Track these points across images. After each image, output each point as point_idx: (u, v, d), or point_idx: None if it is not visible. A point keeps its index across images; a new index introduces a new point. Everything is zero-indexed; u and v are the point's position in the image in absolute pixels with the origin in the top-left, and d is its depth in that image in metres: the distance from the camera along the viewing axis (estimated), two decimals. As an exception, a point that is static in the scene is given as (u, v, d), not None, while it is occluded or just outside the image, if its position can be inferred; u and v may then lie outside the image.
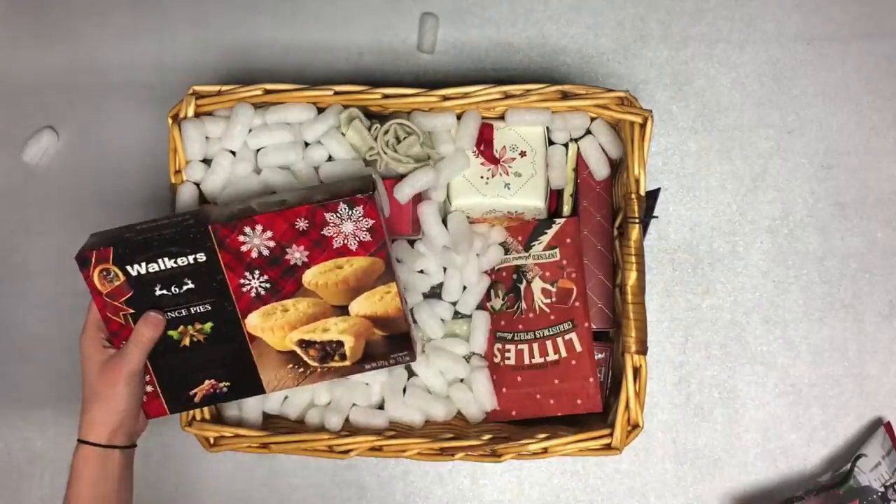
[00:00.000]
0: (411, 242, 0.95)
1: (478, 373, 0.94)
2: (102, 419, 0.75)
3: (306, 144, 0.90)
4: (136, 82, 1.08)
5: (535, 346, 0.93)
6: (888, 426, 1.00)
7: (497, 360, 0.94)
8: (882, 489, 0.95)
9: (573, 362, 0.92)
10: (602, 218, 0.95)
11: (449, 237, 0.92)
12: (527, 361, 0.93)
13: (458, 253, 0.92)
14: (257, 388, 0.86)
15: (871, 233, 1.05)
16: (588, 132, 0.94)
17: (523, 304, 0.95)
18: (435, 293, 0.97)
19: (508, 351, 0.94)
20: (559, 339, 0.93)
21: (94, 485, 0.74)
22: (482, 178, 0.91)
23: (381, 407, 0.95)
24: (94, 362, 0.77)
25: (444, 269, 0.96)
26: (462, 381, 0.95)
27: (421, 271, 0.96)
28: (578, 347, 0.92)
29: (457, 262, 0.93)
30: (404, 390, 0.94)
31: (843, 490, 0.95)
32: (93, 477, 0.74)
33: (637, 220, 0.86)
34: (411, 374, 0.95)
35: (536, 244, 0.95)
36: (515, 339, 0.94)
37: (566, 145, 0.94)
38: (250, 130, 0.90)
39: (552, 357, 0.93)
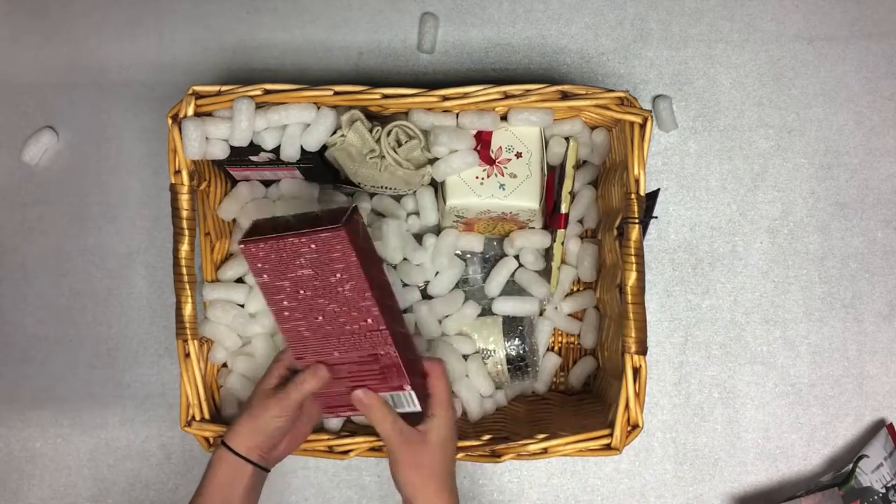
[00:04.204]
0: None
1: (478, 371, 0.94)
2: (245, 432, 0.79)
3: (302, 150, 0.89)
4: (135, 82, 1.08)
5: None
6: (890, 427, 0.99)
7: None
8: (883, 490, 0.95)
9: None
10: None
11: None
12: None
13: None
14: None
15: (871, 233, 1.05)
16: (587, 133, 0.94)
17: None
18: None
19: None
20: None
21: (222, 487, 0.78)
22: (477, 178, 0.91)
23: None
24: (266, 384, 0.80)
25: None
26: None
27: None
28: None
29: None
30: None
31: (844, 490, 0.95)
32: (223, 479, 0.78)
33: (637, 221, 0.85)
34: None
35: None
36: None
37: (567, 139, 0.94)
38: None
39: None
